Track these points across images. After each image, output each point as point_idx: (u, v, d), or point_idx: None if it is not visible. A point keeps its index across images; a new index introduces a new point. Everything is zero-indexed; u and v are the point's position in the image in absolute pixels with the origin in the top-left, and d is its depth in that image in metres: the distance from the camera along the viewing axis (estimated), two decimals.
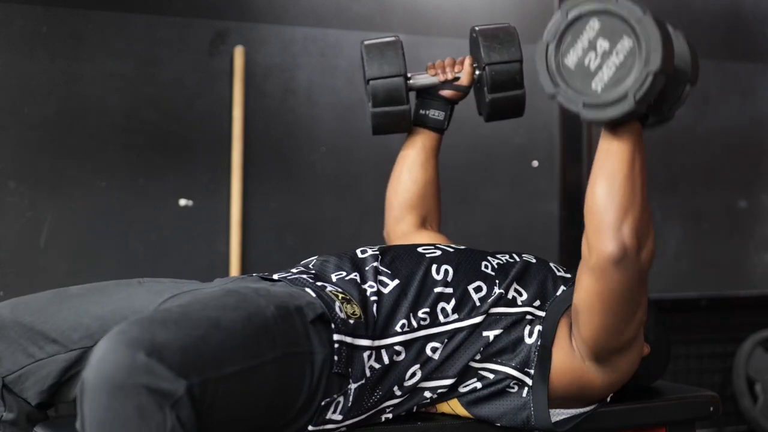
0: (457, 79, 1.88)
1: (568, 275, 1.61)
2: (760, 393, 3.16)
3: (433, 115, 1.89)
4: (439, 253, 1.57)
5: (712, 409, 1.70)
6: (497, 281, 1.53)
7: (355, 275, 1.50)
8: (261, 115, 2.65)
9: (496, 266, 1.56)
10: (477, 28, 1.86)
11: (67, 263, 2.45)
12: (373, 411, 1.45)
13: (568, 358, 1.49)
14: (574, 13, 1.33)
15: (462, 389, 1.50)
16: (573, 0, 1.34)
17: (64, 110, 2.47)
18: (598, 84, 1.32)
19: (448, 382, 1.49)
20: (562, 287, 1.56)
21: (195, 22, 2.59)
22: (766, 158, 3.33)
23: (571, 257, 2.94)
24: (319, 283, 1.47)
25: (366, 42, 1.84)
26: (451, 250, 1.59)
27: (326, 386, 1.35)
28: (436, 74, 1.89)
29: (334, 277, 1.50)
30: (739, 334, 3.22)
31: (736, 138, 3.25)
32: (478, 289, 1.52)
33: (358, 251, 1.58)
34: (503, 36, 1.82)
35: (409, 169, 1.92)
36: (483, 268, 1.55)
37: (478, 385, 1.50)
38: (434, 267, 1.52)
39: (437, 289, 1.50)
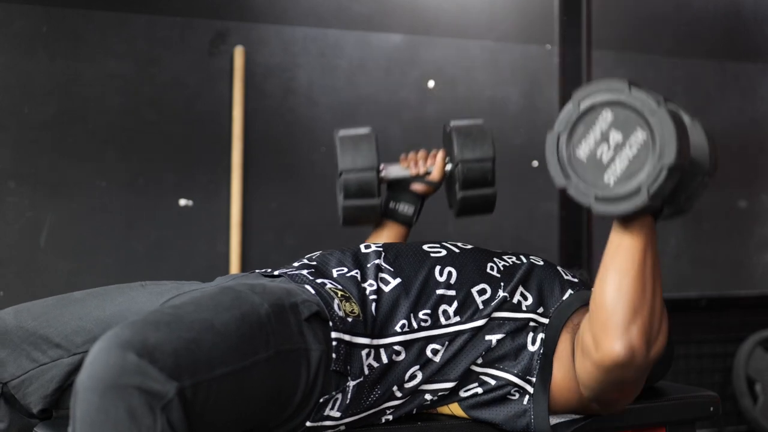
0: (428, 173, 1.87)
1: (576, 279, 1.59)
2: (760, 393, 3.16)
3: (402, 209, 1.89)
4: (444, 253, 1.56)
5: (712, 409, 1.70)
6: (502, 284, 1.52)
7: (356, 272, 1.50)
8: (261, 115, 2.65)
9: (501, 268, 1.55)
10: (452, 124, 1.85)
11: (67, 263, 2.45)
12: (372, 411, 1.45)
13: (568, 375, 1.47)
14: (587, 103, 1.30)
15: (463, 393, 1.50)
16: (585, 89, 1.31)
17: (64, 110, 2.47)
18: (610, 177, 1.27)
19: (449, 385, 1.48)
20: (569, 291, 1.55)
21: (195, 22, 2.60)
22: (766, 158, 3.33)
23: (571, 257, 2.94)
24: (318, 280, 1.46)
25: (341, 133, 1.84)
26: (457, 250, 1.58)
27: (324, 383, 1.35)
28: (408, 167, 1.88)
29: (334, 272, 1.50)
30: (739, 334, 3.22)
31: (736, 138, 3.25)
32: (482, 292, 1.51)
33: (362, 246, 1.57)
34: (476, 134, 1.81)
35: None
36: (488, 270, 1.54)
37: (479, 390, 1.49)
38: (438, 268, 1.52)
39: (439, 291, 1.49)
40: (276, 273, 1.51)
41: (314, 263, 1.54)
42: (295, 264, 1.55)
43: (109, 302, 1.48)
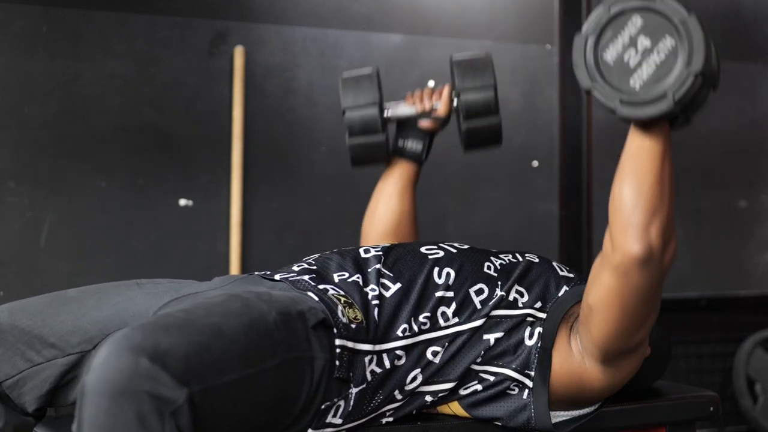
0: (435, 109, 1.88)
1: (572, 275, 1.60)
2: (760, 393, 3.16)
3: (411, 146, 1.89)
4: (442, 254, 1.56)
5: (712, 409, 1.70)
6: (499, 283, 1.52)
7: (358, 277, 1.49)
8: (261, 115, 2.65)
9: (498, 267, 1.56)
10: (453, 58, 1.86)
11: (67, 263, 2.45)
12: (373, 415, 1.45)
13: (567, 361, 1.48)
14: (617, 8, 1.31)
15: (462, 392, 1.50)
16: None
17: (64, 110, 2.47)
18: (636, 81, 1.30)
19: (449, 385, 1.48)
20: (565, 287, 1.55)
21: (195, 22, 2.60)
22: (766, 158, 3.33)
23: (571, 257, 2.94)
24: (321, 286, 1.46)
25: (344, 75, 1.87)
26: (455, 250, 1.58)
27: (326, 390, 1.35)
28: (413, 104, 1.89)
29: (336, 278, 1.50)
30: (739, 334, 3.22)
31: (736, 138, 3.25)
32: (479, 292, 1.51)
33: (361, 250, 1.57)
34: (477, 64, 1.83)
35: (386, 199, 1.91)
36: (485, 269, 1.54)
37: (479, 387, 1.49)
38: (436, 270, 1.52)
39: (438, 294, 1.49)
40: (277, 277, 1.51)
41: (315, 268, 1.53)
42: (295, 268, 1.54)
43: (106, 302, 1.47)
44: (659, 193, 1.35)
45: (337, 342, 1.37)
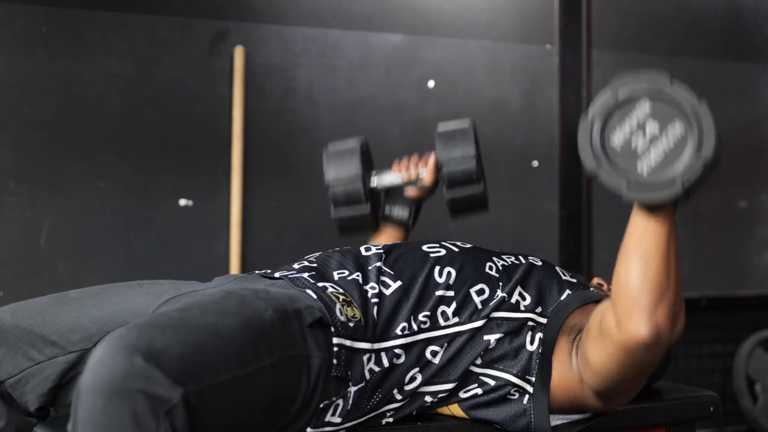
0: (420, 178, 1.90)
1: (574, 280, 1.59)
2: (760, 393, 3.16)
3: (397, 213, 1.92)
4: (444, 252, 1.56)
5: (712, 409, 1.70)
6: (500, 284, 1.52)
7: (358, 275, 1.49)
8: (261, 115, 2.65)
9: (500, 268, 1.55)
10: (437, 129, 1.88)
11: (67, 263, 2.45)
12: (372, 414, 1.45)
13: (567, 374, 1.47)
14: (625, 93, 1.31)
15: (462, 394, 1.50)
16: (623, 78, 1.32)
17: (64, 110, 2.47)
18: (644, 166, 1.29)
19: (449, 386, 1.48)
20: (567, 291, 1.55)
21: (195, 22, 2.60)
22: (766, 158, 3.33)
23: (571, 257, 2.94)
24: (320, 284, 1.46)
25: (328, 147, 1.90)
26: (457, 249, 1.58)
27: (324, 389, 1.35)
28: (400, 172, 1.91)
29: (335, 275, 1.50)
30: (739, 334, 3.22)
31: (736, 138, 3.25)
32: (480, 292, 1.51)
33: (362, 248, 1.57)
34: (458, 136, 1.85)
35: None
36: (487, 270, 1.54)
37: (479, 391, 1.49)
38: (437, 269, 1.52)
39: (438, 293, 1.49)
40: (276, 275, 1.51)
41: (315, 265, 1.53)
42: (295, 266, 1.54)
43: (106, 301, 1.47)
44: (666, 275, 1.33)
45: (335, 341, 1.37)
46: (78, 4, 2.49)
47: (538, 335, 1.49)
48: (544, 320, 1.50)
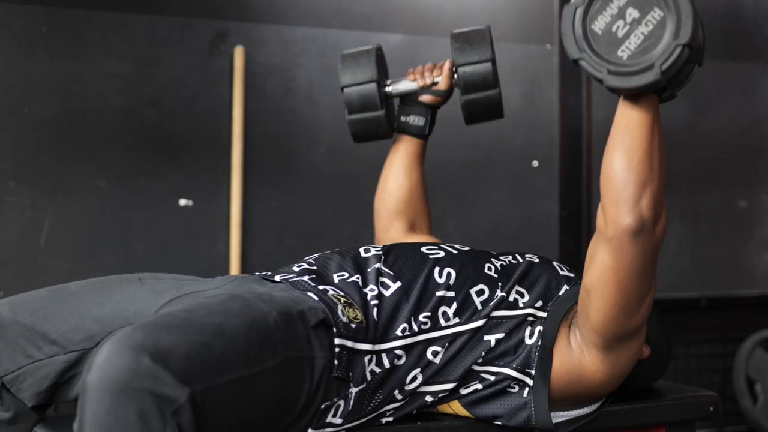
0: (435, 83, 1.88)
1: (572, 274, 1.60)
2: (760, 393, 3.16)
3: (413, 121, 1.91)
4: (442, 254, 1.56)
5: (712, 409, 1.70)
6: (500, 284, 1.53)
7: (357, 277, 1.49)
8: (261, 115, 2.65)
9: (499, 268, 1.56)
10: (453, 32, 1.87)
11: (67, 263, 2.45)
12: (373, 414, 1.45)
13: (567, 357, 1.48)
14: None
15: (463, 391, 1.50)
16: None
17: (64, 110, 2.47)
18: (624, 52, 1.31)
19: (450, 386, 1.48)
20: (566, 287, 1.56)
21: (195, 22, 2.59)
22: (766, 158, 3.33)
23: (571, 257, 2.94)
24: (321, 287, 1.46)
25: (343, 52, 1.90)
26: (455, 251, 1.58)
27: (326, 390, 1.35)
28: (415, 80, 1.90)
29: (335, 278, 1.50)
30: (739, 334, 3.22)
31: (736, 138, 3.25)
32: (480, 293, 1.51)
33: (361, 250, 1.57)
34: (474, 37, 1.84)
35: (394, 176, 1.93)
36: (486, 270, 1.55)
37: (479, 386, 1.49)
38: (437, 270, 1.52)
39: (439, 293, 1.49)
40: (277, 278, 1.51)
41: (314, 268, 1.53)
42: (295, 268, 1.54)
43: (107, 299, 1.47)
44: (649, 165, 1.35)
45: (337, 341, 1.37)
46: (78, 4, 2.48)
47: (538, 328, 1.50)
48: (543, 314, 1.51)
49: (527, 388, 1.48)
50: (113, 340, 1.15)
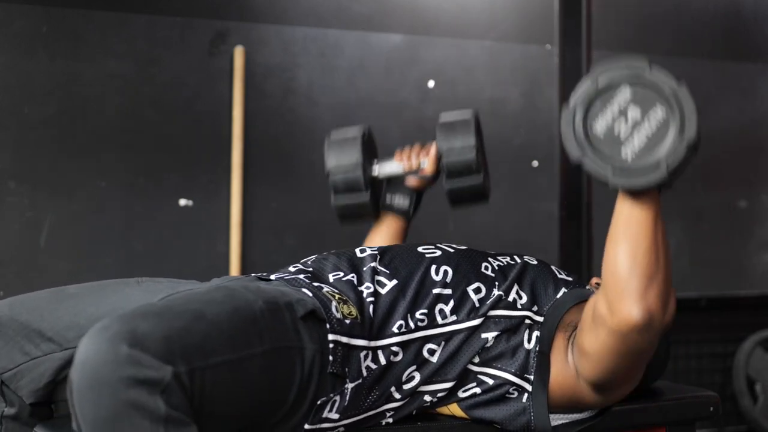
0: (421, 168, 1.90)
1: (570, 278, 1.60)
2: (760, 393, 3.16)
3: (398, 202, 1.93)
4: (439, 253, 1.56)
5: (712, 409, 1.70)
6: (497, 283, 1.53)
7: (352, 276, 1.50)
8: (261, 115, 2.65)
9: (496, 268, 1.56)
10: (439, 120, 1.88)
11: (67, 263, 2.45)
12: (371, 412, 1.45)
13: (564, 371, 1.48)
14: (605, 81, 1.32)
15: (461, 394, 1.50)
16: (602, 65, 1.33)
17: (64, 110, 2.47)
18: (628, 152, 1.30)
19: (447, 385, 1.48)
20: (563, 289, 1.56)
21: (195, 22, 2.60)
22: (766, 158, 3.33)
23: (571, 257, 2.94)
24: (315, 284, 1.47)
25: (331, 135, 1.90)
26: (452, 250, 1.59)
27: (319, 384, 1.35)
28: (401, 161, 1.91)
29: (331, 278, 1.50)
30: (739, 334, 3.22)
31: (736, 138, 3.25)
32: (477, 291, 1.51)
33: (357, 251, 1.58)
34: (459, 126, 1.85)
35: None
36: (483, 270, 1.55)
37: (478, 390, 1.49)
38: (433, 267, 1.52)
39: (436, 290, 1.49)
40: (272, 277, 1.51)
41: (310, 268, 1.54)
42: (291, 269, 1.55)
43: (104, 299, 1.48)
44: (654, 258, 1.34)
45: (331, 337, 1.37)
46: (78, 4, 2.49)
47: (536, 333, 1.50)
48: (540, 318, 1.51)
49: (526, 394, 1.48)
50: (89, 335, 1.14)
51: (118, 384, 1.11)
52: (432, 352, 1.47)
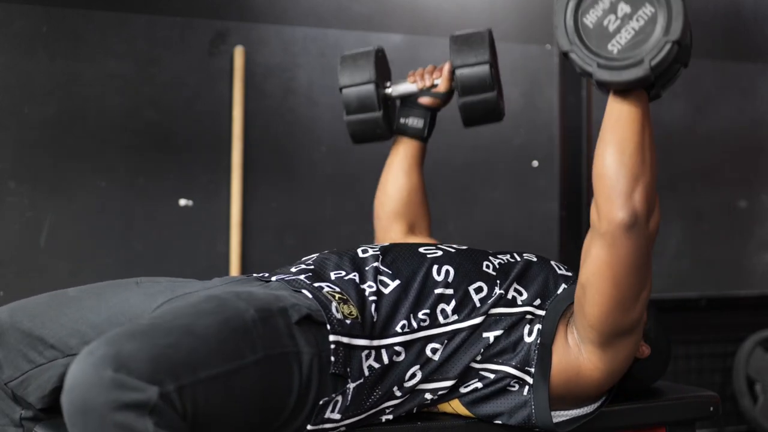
0: (435, 86, 1.89)
1: (570, 273, 1.61)
2: (760, 393, 3.16)
3: (412, 123, 1.91)
4: (440, 253, 1.57)
5: (712, 409, 1.70)
6: (498, 281, 1.53)
7: (355, 275, 1.50)
8: (261, 115, 2.65)
9: (497, 266, 1.56)
10: (452, 34, 1.87)
11: (67, 263, 2.45)
12: (372, 411, 1.45)
13: (565, 355, 1.49)
14: None
15: (463, 389, 1.50)
16: None
17: (64, 110, 2.47)
18: (614, 46, 1.32)
19: (448, 383, 1.49)
20: (563, 285, 1.56)
21: (195, 22, 2.60)
22: (766, 158, 3.33)
23: (571, 257, 2.94)
24: (316, 284, 1.46)
25: (344, 53, 1.90)
26: (453, 250, 1.59)
27: (320, 385, 1.35)
28: (414, 81, 1.90)
29: (332, 276, 1.50)
30: (739, 334, 3.22)
31: (736, 138, 3.25)
32: (478, 290, 1.52)
33: (359, 250, 1.58)
34: (473, 39, 1.83)
35: (393, 178, 1.94)
36: (484, 269, 1.55)
37: (479, 384, 1.50)
38: (435, 267, 1.52)
39: (438, 290, 1.50)
40: (273, 278, 1.51)
41: (311, 267, 1.54)
42: (293, 269, 1.55)
43: (104, 304, 1.48)
44: (641, 159, 1.36)
45: (332, 338, 1.37)
46: (78, 4, 2.48)
47: (537, 326, 1.50)
48: (542, 312, 1.52)
49: (527, 387, 1.49)
50: (78, 358, 1.15)
51: (104, 408, 1.11)
52: (434, 351, 1.47)
